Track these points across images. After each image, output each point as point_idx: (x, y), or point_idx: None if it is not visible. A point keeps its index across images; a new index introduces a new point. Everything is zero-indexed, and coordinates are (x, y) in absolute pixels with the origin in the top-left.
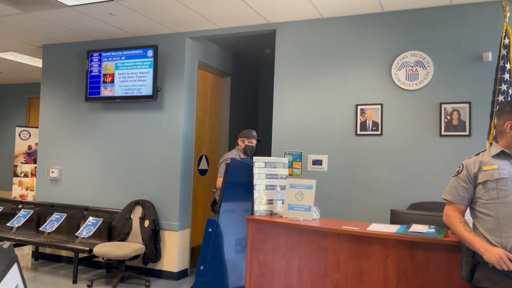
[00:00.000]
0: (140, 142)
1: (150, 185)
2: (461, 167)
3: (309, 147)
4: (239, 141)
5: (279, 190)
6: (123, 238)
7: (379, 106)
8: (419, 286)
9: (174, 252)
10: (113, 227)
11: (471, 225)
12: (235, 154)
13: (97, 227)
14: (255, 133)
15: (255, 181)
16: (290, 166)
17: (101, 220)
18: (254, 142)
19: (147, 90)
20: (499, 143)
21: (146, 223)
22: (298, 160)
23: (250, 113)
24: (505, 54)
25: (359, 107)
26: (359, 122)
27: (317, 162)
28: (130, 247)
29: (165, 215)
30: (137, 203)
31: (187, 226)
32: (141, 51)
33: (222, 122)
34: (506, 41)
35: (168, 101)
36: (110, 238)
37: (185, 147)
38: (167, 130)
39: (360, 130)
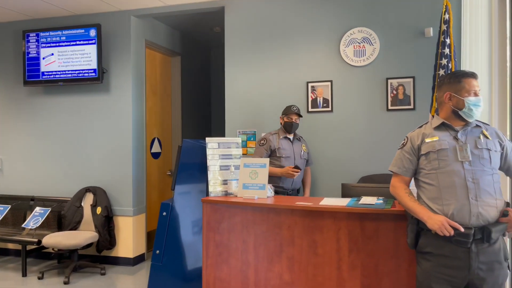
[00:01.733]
0: (87, 127)
1: (101, 171)
2: (406, 140)
3: (263, 126)
4: (280, 119)
5: (233, 170)
6: (74, 227)
7: (329, 83)
8: (368, 254)
9: (130, 238)
10: (63, 216)
11: (415, 195)
12: (274, 133)
13: (45, 217)
14: (295, 108)
15: (209, 162)
16: (245, 145)
17: (49, 209)
18: (293, 117)
19: (91, 72)
20: (439, 114)
21: (99, 210)
22: (252, 139)
23: (203, 93)
24: (445, 29)
25: (309, 85)
26: (310, 99)
27: None
28: (82, 235)
29: (118, 201)
30: (87, 190)
31: (142, 211)
32: (82, 31)
33: (173, 103)
34: (446, 16)
35: (115, 82)
36: (60, 227)
37: (136, 130)
38: (115, 113)
39: (312, 107)
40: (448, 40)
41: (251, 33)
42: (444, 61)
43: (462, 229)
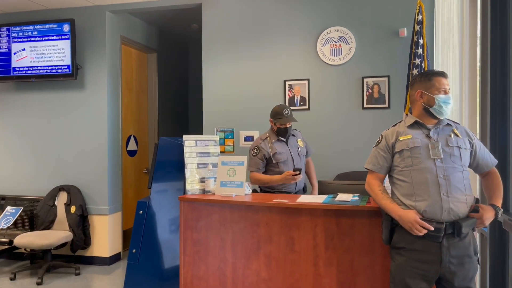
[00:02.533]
0: (61, 124)
1: (75, 169)
2: (381, 138)
3: (241, 124)
4: (270, 122)
5: (211, 168)
6: (48, 226)
7: (306, 82)
8: (344, 250)
9: (105, 237)
10: (35, 216)
11: (390, 192)
12: (265, 138)
13: (16, 216)
14: (287, 112)
15: (186, 160)
16: (222, 143)
17: (21, 209)
18: (286, 123)
19: (65, 68)
20: (413, 113)
21: (73, 209)
22: (230, 137)
23: (180, 90)
24: (419, 29)
25: (287, 83)
26: (287, 97)
27: (249, 138)
28: (56, 235)
29: (93, 199)
30: (61, 188)
31: (117, 209)
32: (56, 26)
33: (150, 100)
34: (420, 17)
35: (90, 79)
36: (32, 227)
37: (111, 127)
38: (90, 110)
39: (289, 105)
40: (421, 41)
41: (228, 30)
42: (417, 61)
43: (432, 228)
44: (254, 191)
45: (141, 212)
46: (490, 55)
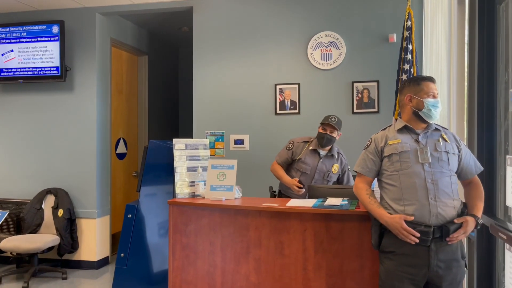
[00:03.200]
0: (49, 126)
1: (63, 172)
2: (370, 141)
3: (231, 127)
4: (319, 128)
5: (200, 172)
6: (34, 230)
7: (297, 86)
8: (334, 255)
9: (93, 241)
10: (22, 219)
11: (379, 196)
12: (305, 141)
13: (2, 220)
14: (333, 119)
15: (176, 164)
16: (213, 146)
17: (7, 212)
18: (328, 129)
19: (53, 69)
20: (402, 117)
21: (60, 212)
22: (220, 140)
23: (170, 93)
24: (408, 35)
25: (277, 87)
26: (278, 101)
27: (239, 142)
28: (42, 239)
29: (81, 202)
30: (48, 191)
31: (106, 212)
32: (45, 27)
33: (140, 103)
34: (409, 23)
35: (79, 81)
36: (19, 231)
37: (100, 130)
38: (79, 112)
39: (279, 109)
40: (410, 46)
41: (219, 34)
42: (406, 66)
43: (418, 235)
44: (273, 194)
45: (129, 215)
46: (477, 61)
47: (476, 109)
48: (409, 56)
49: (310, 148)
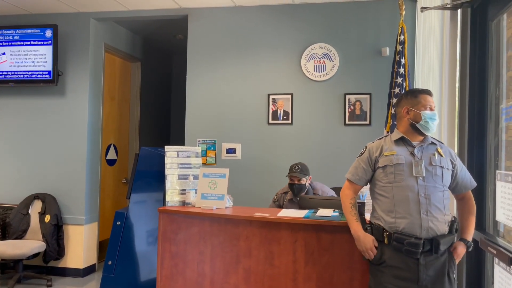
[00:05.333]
0: (39, 131)
1: (52, 178)
2: (365, 149)
3: (223, 136)
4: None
5: (192, 180)
6: (20, 235)
7: (290, 96)
8: (324, 266)
9: (80, 248)
10: (7, 224)
11: (370, 207)
12: (284, 191)
13: None
14: (296, 168)
15: (167, 171)
16: (204, 154)
17: None
18: (294, 179)
19: (45, 73)
20: (399, 129)
21: (47, 218)
22: (212, 148)
23: (163, 100)
24: (401, 49)
25: (271, 97)
26: (271, 111)
27: (231, 151)
28: (28, 245)
29: (69, 208)
30: (36, 197)
31: (94, 219)
32: (38, 31)
33: (132, 110)
34: (402, 37)
35: (71, 86)
36: (4, 236)
37: (91, 135)
38: (70, 118)
39: (272, 119)
40: (403, 60)
41: (214, 43)
42: (399, 80)
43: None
44: None
45: (118, 223)
46: (469, 76)
47: (467, 124)
48: (401, 70)
49: (288, 198)
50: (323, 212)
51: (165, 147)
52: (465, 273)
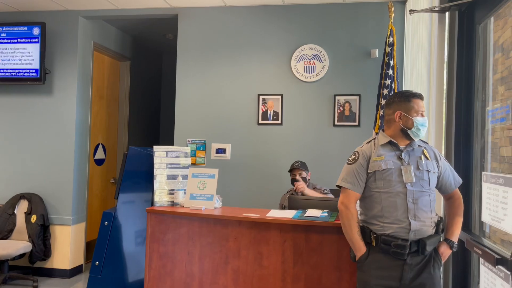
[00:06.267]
0: (25, 129)
1: (38, 177)
2: (357, 155)
3: (213, 136)
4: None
5: (181, 180)
6: (6, 236)
7: (280, 97)
8: (313, 267)
9: (67, 248)
10: None
11: (358, 211)
12: (288, 191)
13: None
14: (296, 163)
15: (156, 171)
16: (194, 155)
17: None
18: (295, 173)
19: (32, 72)
20: (386, 131)
21: (33, 218)
22: (201, 148)
23: (152, 99)
24: (390, 51)
25: (261, 97)
26: (261, 111)
27: (221, 151)
28: (14, 245)
29: (56, 209)
30: (22, 196)
31: (81, 219)
32: (25, 28)
33: (121, 109)
34: (391, 39)
35: (59, 84)
36: None
37: (79, 135)
38: (57, 116)
39: (262, 120)
40: (392, 62)
41: (204, 42)
42: (388, 81)
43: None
44: None
45: (106, 223)
46: (456, 79)
47: (454, 126)
48: (390, 72)
49: (289, 195)
50: (312, 212)
51: (154, 147)
52: (451, 273)
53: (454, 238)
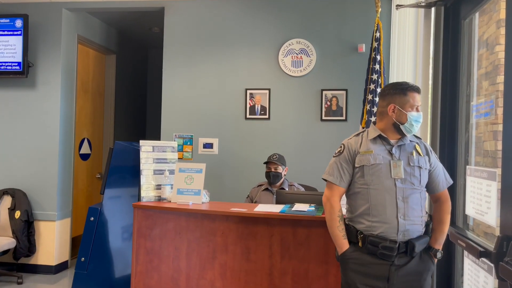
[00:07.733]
0: (8, 124)
1: (22, 172)
2: (342, 148)
3: (200, 130)
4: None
5: (167, 175)
6: None
7: (267, 91)
8: (300, 260)
9: (52, 244)
10: None
11: (345, 210)
12: (259, 184)
13: None
14: (274, 156)
15: (142, 166)
16: (181, 149)
17: None
18: (271, 167)
19: (15, 65)
20: (377, 124)
21: (17, 214)
22: (189, 143)
23: (138, 93)
24: (376, 46)
25: (248, 92)
26: (248, 106)
27: (208, 146)
28: None
29: (41, 204)
30: (5, 192)
31: (67, 215)
32: (7, 20)
33: (106, 103)
34: (377, 34)
35: (42, 78)
36: None
37: (63, 129)
38: (41, 110)
39: (249, 114)
40: (378, 57)
41: (191, 36)
42: (374, 76)
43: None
44: None
45: (92, 218)
46: (441, 74)
47: (439, 120)
48: (377, 67)
49: (263, 188)
50: (299, 206)
51: (140, 141)
52: (436, 266)
53: (437, 245)
